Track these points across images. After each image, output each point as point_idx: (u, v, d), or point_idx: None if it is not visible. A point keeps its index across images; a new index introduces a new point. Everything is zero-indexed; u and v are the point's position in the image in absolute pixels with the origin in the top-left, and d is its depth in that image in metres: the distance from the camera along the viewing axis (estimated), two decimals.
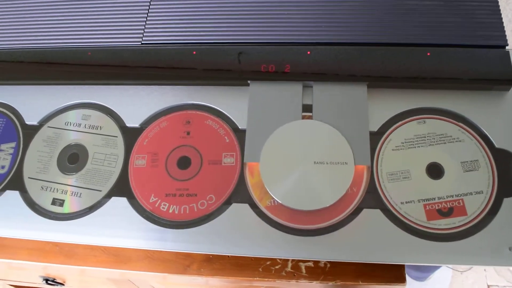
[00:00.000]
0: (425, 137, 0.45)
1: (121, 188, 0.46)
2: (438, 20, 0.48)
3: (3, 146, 0.50)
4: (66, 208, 0.46)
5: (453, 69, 0.46)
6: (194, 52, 0.49)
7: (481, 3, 0.48)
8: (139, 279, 0.62)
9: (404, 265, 0.46)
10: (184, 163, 0.46)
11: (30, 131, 0.50)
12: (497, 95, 0.46)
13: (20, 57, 0.51)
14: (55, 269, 0.58)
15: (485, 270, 1.11)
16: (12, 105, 0.52)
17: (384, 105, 0.47)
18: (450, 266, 1.12)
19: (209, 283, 0.56)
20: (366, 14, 0.48)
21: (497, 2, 0.48)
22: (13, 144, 0.50)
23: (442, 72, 0.46)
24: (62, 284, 0.63)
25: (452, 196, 0.43)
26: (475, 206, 0.42)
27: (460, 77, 0.46)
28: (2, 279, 0.68)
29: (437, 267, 1.05)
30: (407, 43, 0.47)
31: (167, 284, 0.64)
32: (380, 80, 0.46)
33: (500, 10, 0.48)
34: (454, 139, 0.45)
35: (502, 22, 0.47)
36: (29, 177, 0.48)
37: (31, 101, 0.52)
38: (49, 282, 0.61)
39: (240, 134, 0.47)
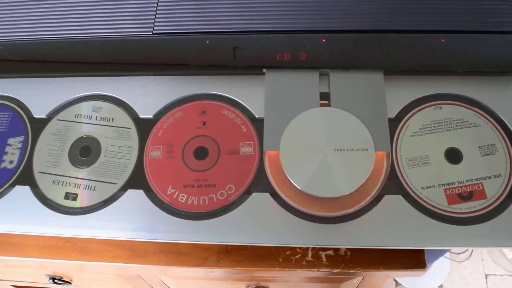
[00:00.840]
0: (442, 122, 0.46)
1: (137, 180, 0.45)
2: (451, 7, 0.48)
3: (11, 141, 0.49)
4: (80, 202, 0.45)
5: (467, 55, 0.46)
6: (208, 42, 0.48)
7: None
8: (148, 274, 0.61)
9: (423, 250, 0.46)
10: (201, 153, 0.46)
11: (39, 125, 0.49)
12: (511, 80, 0.47)
13: (27, 49, 0.50)
14: (63, 267, 0.57)
15: (482, 259, 1.13)
16: (18, 98, 0.50)
17: (401, 92, 0.47)
18: (448, 256, 1.14)
19: (208, 275, 0.55)
20: (380, 2, 0.48)
21: None
22: (21, 138, 0.49)
23: (456, 58, 0.46)
24: (69, 283, 0.62)
25: (472, 180, 0.43)
26: (494, 190, 0.43)
27: (474, 62, 0.47)
28: (5, 280, 0.66)
29: (436, 258, 1.06)
30: (421, 29, 0.47)
31: (176, 278, 0.63)
32: (396, 67, 0.46)
33: None
34: (471, 124, 0.45)
35: None
36: (39, 172, 0.47)
37: (38, 94, 0.50)
38: (56, 281, 0.60)
39: (257, 123, 0.46)
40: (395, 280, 1.16)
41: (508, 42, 0.46)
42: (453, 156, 0.44)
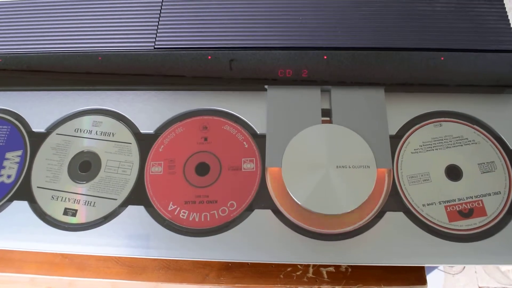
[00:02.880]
0: (442, 139, 0.46)
1: (138, 196, 0.45)
2: (450, 26, 0.49)
3: (9, 155, 0.48)
4: (80, 218, 0.45)
5: (466, 73, 0.47)
6: (209, 57, 0.48)
7: (489, 9, 0.50)
8: None
9: (424, 266, 0.47)
10: (202, 169, 0.46)
11: (38, 139, 0.48)
12: (510, 98, 0.48)
13: (27, 62, 0.49)
14: (58, 283, 0.56)
15: (475, 272, 1.14)
16: (17, 112, 0.50)
17: (401, 109, 0.47)
18: (442, 268, 1.14)
19: None
20: (381, 20, 0.49)
21: (504, 8, 0.50)
22: (19, 153, 0.48)
23: (456, 76, 0.47)
24: None
25: (472, 197, 0.44)
26: (494, 207, 0.43)
27: (473, 80, 0.47)
28: None
29: (430, 270, 1.06)
30: (421, 47, 0.48)
31: None
32: (396, 84, 0.47)
33: (508, 16, 0.49)
34: (470, 141, 0.46)
35: (511, 28, 0.49)
36: (38, 187, 0.46)
37: (38, 108, 0.50)
38: None
39: (258, 139, 0.47)
40: None
41: (507, 60, 0.47)
42: (453, 173, 0.45)
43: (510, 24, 0.49)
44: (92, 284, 0.50)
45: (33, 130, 0.49)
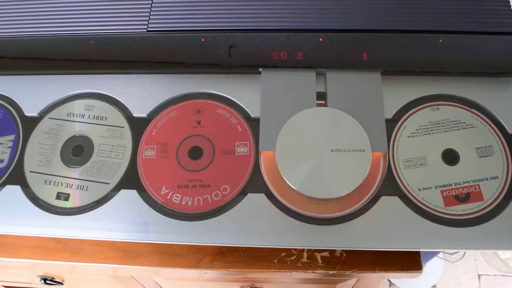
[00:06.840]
0: (439, 123, 0.45)
1: (130, 180, 0.44)
2: (449, 7, 0.48)
3: (1, 139, 0.48)
4: (72, 202, 0.44)
5: (465, 55, 0.46)
6: (203, 40, 0.47)
7: None
8: (141, 275, 0.60)
9: (420, 251, 0.46)
10: (196, 153, 0.45)
11: (30, 123, 0.48)
12: (508, 81, 0.47)
13: (18, 45, 0.49)
14: (54, 268, 0.56)
15: (475, 260, 1.14)
16: (9, 96, 0.49)
17: (398, 92, 0.46)
18: (441, 256, 1.14)
19: (202, 276, 0.54)
20: (377, 1, 0.48)
21: None
22: (12, 137, 0.48)
23: (454, 58, 0.46)
24: (61, 283, 0.61)
25: (469, 181, 0.43)
26: (491, 192, 0.42)
27: (472, 63, 0.46)
28: None
29: (430, 258, 1.06)
30: (419, 29, 0.47)
31: (169, 279, 0.62)
32: (393, 67, 0.46)
33: None
34: (468, 125, 0.45)
35: (511, 10, 0.47)
36: (30, 171, 0.46)
37: (30, 92, 0.49)
38: (47, 281, 0.59)
39: (252, 123, 0.46)
40: (388, 280, 1.16)
41: (506, 43, 0.46)
42: (450, 157, 0.44)
43: (510, 6, 0.48)
44: (93, 269, 0.50)
45: (26, 114, 0.49)
